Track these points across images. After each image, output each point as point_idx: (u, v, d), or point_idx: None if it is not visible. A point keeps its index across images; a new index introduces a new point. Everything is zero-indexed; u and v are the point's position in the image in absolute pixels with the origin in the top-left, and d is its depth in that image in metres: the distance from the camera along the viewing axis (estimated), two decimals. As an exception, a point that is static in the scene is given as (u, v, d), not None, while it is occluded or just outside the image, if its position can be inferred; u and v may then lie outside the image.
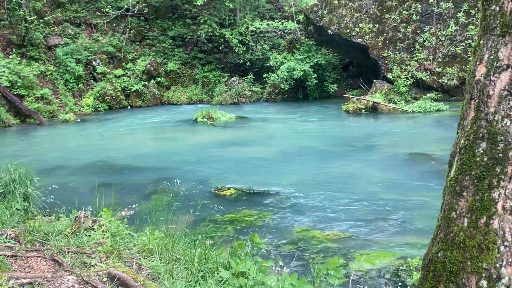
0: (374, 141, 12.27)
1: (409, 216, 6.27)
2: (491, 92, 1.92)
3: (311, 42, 24.19)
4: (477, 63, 2.02)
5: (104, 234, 4.60)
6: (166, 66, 25.46)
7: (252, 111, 20.37)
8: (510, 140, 1.85)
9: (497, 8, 1.94)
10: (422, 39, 19.19)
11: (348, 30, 20.38)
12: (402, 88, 18.75)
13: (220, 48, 26.29)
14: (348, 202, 7.12)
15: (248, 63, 25.67)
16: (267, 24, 24.68)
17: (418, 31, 19.40)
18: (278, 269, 3.62)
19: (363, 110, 17.66)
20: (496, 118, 1.89)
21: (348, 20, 20.52)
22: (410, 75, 19.01)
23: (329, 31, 20.89)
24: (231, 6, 24.54)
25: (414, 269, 4.41)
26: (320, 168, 9.49)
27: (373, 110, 17.58)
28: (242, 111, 20.20)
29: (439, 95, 18.55)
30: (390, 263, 4.77)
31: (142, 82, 24.20)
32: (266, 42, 26.32)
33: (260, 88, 24.88)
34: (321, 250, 5.12)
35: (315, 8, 21.69)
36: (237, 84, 24.11)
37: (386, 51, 19.65)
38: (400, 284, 4.27)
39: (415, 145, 11.14)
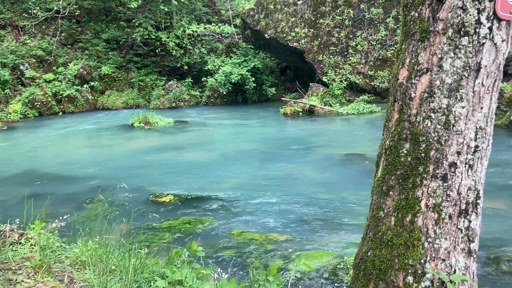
0: (312, 142, 12.55)
1: (346, 215, 6.45)
2: (413, 95, 2.01)
3: (249, 46, 24.37)
4: (400, 66, 2.10)
5: (33, 248, 4.32)
6: (100, 70, 24.56)
7: (191, 115, 20.17)
8: (431, 140, 1.93)
9: (416, 14, 2.03)
10: (354, 43, 19.91)
11: (284, 35, 20.73)
12: (337, 91, 19.34)
13: (157, 51, 25.80)
14: (287, 203, 7.21)
15: (186, 67, 25.40)
16: (204, 28, 24.57)
17: (351, 36, 20.10)
18: (216, 275, 3.58)
19: (301, 113, 18.03)
20: (418, 120, 1.97)
21: (284, 24, 20.87)
22: (344, 78, 19.65)
23: (266, 35, 21.14)
24: (166, 9, 24.15)
25: (351, 267, 4.52)
26: (259, 171, 9.55)
27: (310, 112, 17.99)
28: (181, 115, 19.94)
29: (372, 97, 19.31)
30: (328, 262, 4.86)
31: (75, 87, 23.21)
32: (204, 46, 26.17)
33: (199, 91, 24.69)
34: (260, 253, 5.14)
35: (251, 13, 21.88)
36: (175, 87, 23.77)
37: (321, 55, 20.18)
38: (338, 282, 4.37)
39: (350, 145, 11.51)
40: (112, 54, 25.95)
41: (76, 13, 24.90)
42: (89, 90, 23.78)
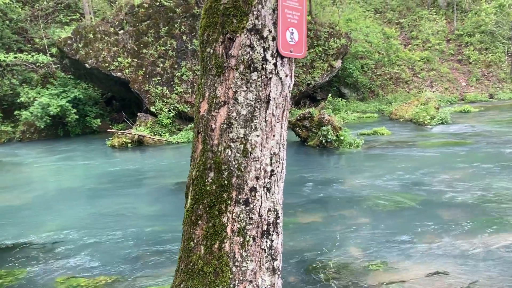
0: (142, 174, 12.26)
1: (177, 246, 6.40)
2: (213, 126, 2.11)
3: (68, 76, 22.92)
4: (201, 100, 2.20)
5: None
6: None
7: (1, 154, 17.91)
8: (232, 168, 2.05)
9: (212, 51, 2.16)
10: (180, 73, 20.34)
11: (107, 64, 20.07)
12: (166, 120, 19.41)
13: (-45, 83, 22.48)
14: (118, 241, 6.84)
15: (-6, 100, 22.63)
16: (15, 57, 22.28)
17: (176, 66, 20.49)
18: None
19: (130, 144, 17.53)
20: (219, 149, 2.08)
21: (106, 54, 20.23)
22: (172, 107, 19.84)
23: (87, 65, 20.17)
24: (-35, 36, 21.31)
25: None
26: (86, 210, 8.90)
27: (140, 143, 17.63)
28: (-11, 155, 17.56)
29: (200, 125, 19.88)
30: (160, 297, 4.76)
31: None
32: (15, 77, 23.70)
33: (11, 127, 22.13)
34: (85, 300, 4.75)
35: (69, 41, 20.66)
36: (-20, 124, 20.92)
37: (147, 85, 20.07)
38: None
39: (181, 174, 11.56)
40: None
41: None
42: None
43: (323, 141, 12.63)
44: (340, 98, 23.03)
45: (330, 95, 22.13)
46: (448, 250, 5.04)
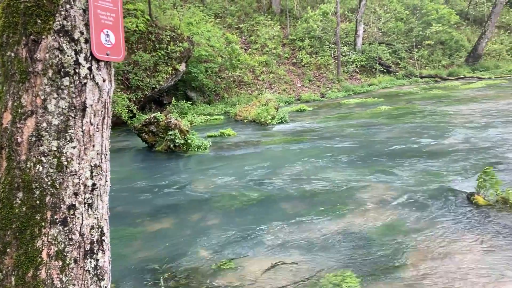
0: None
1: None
2: (20, 140, 1.86)
3: None
4: (3, 110, 1.92)
5: None
6: None
7: None
8: (45, 185, 1.84)
9: (13, 55, 1.91)
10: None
11: None
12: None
13: None
14: None
15: None
16: None
17: (1, 72, 18.29)
18: None
19: None
20: (28, 166, 1.85)
21: None
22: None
23: None
24: None
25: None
26: None
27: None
28: None
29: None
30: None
31: None
32: None
33: None
34: None
35: None
36: None
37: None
38: None
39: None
40: None
41: None
42: None
43: (171, 145, 12.50)
44: (186, 101, 23.08)
45: (173, 98, 22.02)
46: (293, 241, 5.36)
